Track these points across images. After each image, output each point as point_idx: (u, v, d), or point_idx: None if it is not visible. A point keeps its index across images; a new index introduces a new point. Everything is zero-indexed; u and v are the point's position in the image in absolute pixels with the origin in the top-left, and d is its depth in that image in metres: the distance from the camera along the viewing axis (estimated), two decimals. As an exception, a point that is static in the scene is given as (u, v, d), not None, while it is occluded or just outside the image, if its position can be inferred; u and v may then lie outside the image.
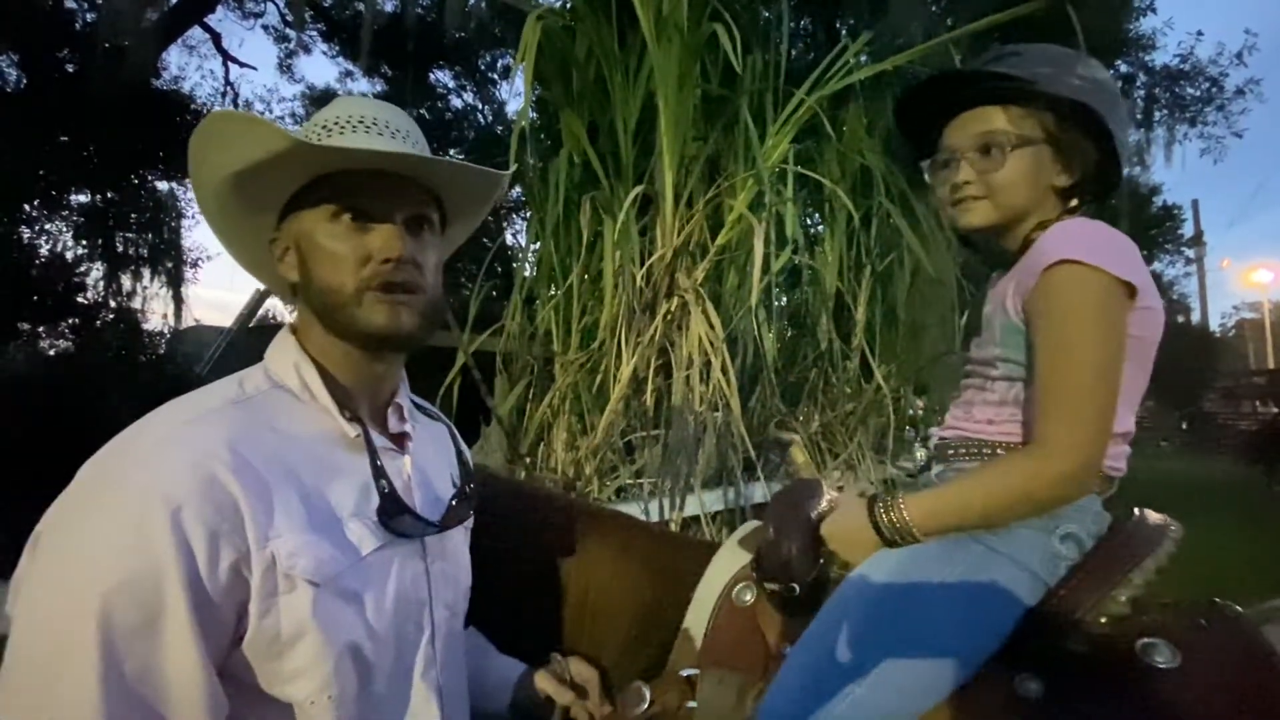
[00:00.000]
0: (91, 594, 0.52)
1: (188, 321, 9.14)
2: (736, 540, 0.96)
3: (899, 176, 3.21)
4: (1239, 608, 0.77)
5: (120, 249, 7.43)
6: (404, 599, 0.69)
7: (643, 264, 2.48)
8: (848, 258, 3.31)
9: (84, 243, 7.12)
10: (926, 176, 0.94)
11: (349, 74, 9.43)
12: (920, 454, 0.95)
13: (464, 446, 0.87)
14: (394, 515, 0.67)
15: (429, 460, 0.79)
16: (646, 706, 0.85)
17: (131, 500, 0.55)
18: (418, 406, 0.84)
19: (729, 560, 0.94)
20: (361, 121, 0.69)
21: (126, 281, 7.65)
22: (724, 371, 2.31)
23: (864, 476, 2.76)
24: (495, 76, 9.00)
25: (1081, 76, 0.84)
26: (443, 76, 9.15)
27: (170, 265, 7.96)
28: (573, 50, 2.69)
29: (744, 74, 2.68)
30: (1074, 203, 0.88)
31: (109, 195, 7.11)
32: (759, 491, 2.31)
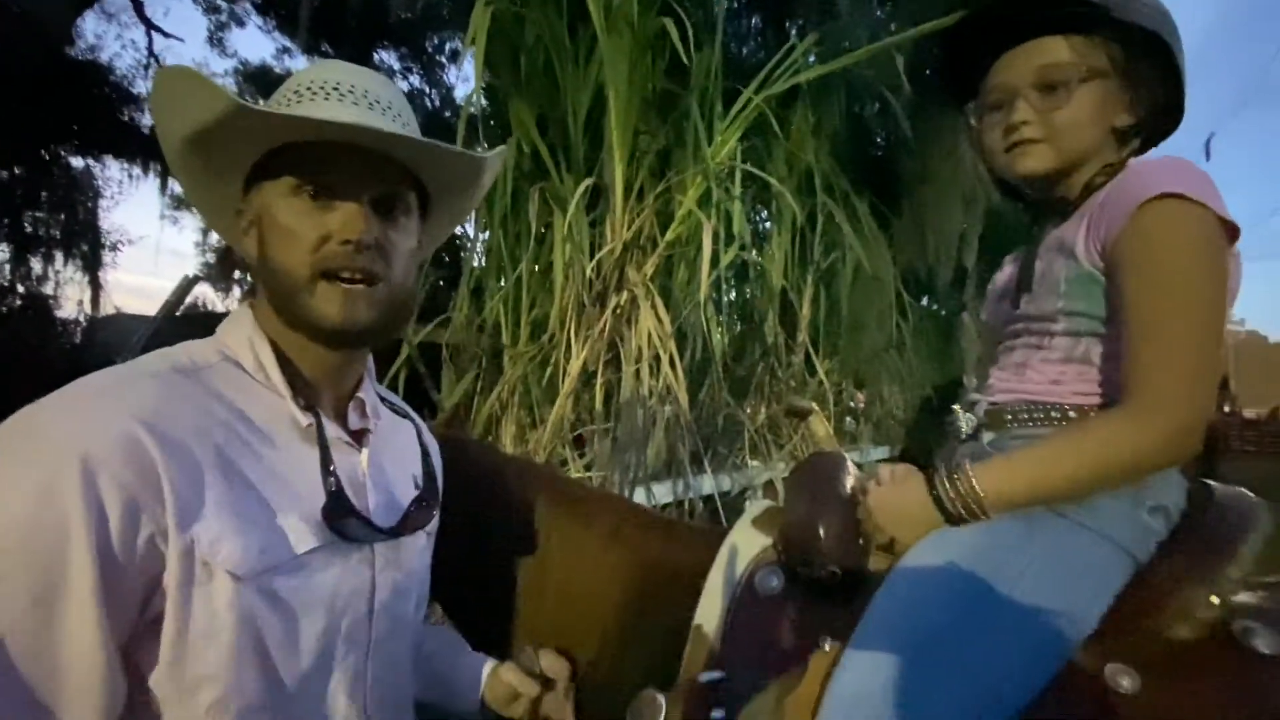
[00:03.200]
0: None
1: (107, 309, 8.62)
2: (749, 521, 0.85)
3: (842, 177, 3.31)
4: None
5: (30, 229, 6.94)
6: (339, 608, 0.62)
7: (592, 257, 2.48)
8: (793, 255, 3.39)
9: (-12, 222, 6.62)
10: (971, 122, 0.85)
11: (286, 50, 9.03)
12: (965, 422, 0.85)
13: (431, 446, 0.80)
14: (339, 516, 0.61)
15: (391, 460, 0.73)
16: (663, 718, 0.73)
17: (46, 456, 0.50)
18: (386, 402, 0.78)
19: (744, 543, 0.82)
20: (337, 88, 0.62)
21: (37, 265, 7.15)
22: (673, 365, 2.33)
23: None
24: (443, 60, 8.78)
25: (1146, 3, 0.75)
26: (388, 58, 8.85)
27: (86, 248, 7.48)
28: (523, 37, 2.65)
29: (694, 69, 2.70)
30: (1132, 147, 0.80)
31: (16, 171, 6.62)
32: (707, 483, 2.35)
